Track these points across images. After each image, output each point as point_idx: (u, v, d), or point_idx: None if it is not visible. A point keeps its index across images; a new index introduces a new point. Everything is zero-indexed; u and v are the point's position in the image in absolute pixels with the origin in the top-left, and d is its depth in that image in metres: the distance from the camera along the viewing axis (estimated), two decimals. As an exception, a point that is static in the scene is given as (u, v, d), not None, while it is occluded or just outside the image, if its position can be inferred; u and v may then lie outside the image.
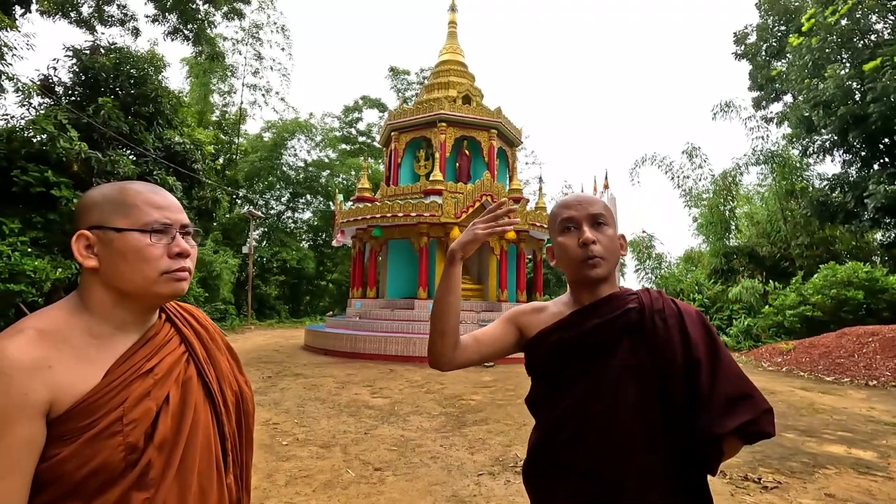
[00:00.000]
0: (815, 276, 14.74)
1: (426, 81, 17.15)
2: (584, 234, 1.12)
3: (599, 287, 1.17)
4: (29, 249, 9.08)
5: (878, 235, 18.98)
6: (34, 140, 10.13)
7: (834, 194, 16.70)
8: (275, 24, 29.81)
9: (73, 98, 12.25)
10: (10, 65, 9.58)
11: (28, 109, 11.53)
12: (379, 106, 32.98)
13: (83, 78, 12.28)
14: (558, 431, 1.13)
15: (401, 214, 12.60)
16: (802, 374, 9.67)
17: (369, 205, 13.72)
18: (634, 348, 1.10)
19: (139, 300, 0.87)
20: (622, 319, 1.12)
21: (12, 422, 0.70)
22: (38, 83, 11.58)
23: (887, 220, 15.14)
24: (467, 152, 14.77)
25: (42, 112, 11.08)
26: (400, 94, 32.81)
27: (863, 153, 15.90)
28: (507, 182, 15.45)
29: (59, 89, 12.21)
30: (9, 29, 9.42)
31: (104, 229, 0.84)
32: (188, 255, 0.89)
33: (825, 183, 18.22)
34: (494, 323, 1.30)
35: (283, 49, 35.69)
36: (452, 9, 16.59)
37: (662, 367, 1.07)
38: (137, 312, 0.88)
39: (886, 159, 15.45)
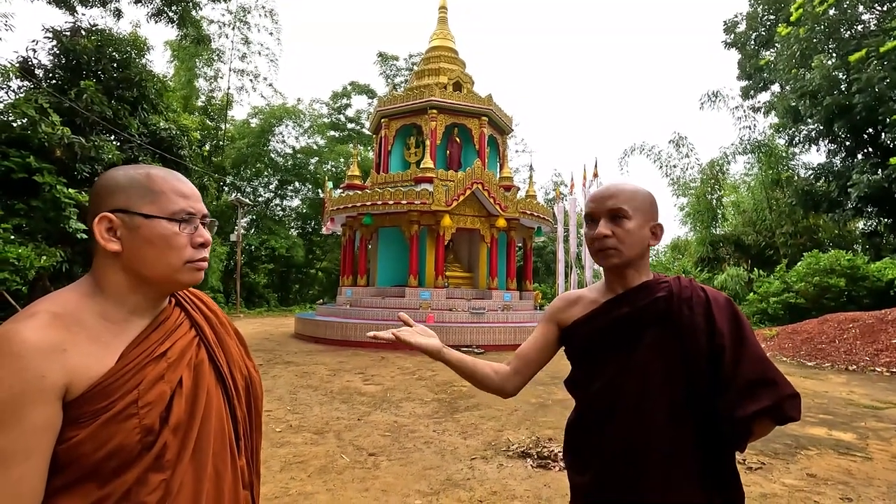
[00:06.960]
0: (799, 263, 15.03)
1: (416, 67, 16.95)
2: (598, 228, 1.19)
3: (627, 275, 1.23)
4: (12, 237, 8.89)
5: (861, 224, 19.37)
6: (14, 125, 9.86)
7: (818, 183, 16.96)
8: (263, 7, 29.16)
9: (54, 81, 11.92)
10: (-12, 46, 9.29)
11: (7, 93, 11.22)
12: (368, 92, 32.53)
13: (64, 60, 11.95)
14: (590, 411, 1.23)
15: (391, 202, 12.54)
16: (785, 359, 9.91)
17: (359, 192, 13.62)
18: (662, 334, 1.16)
19: (158, 286, 0.88)
20: (651, 308, 1.19)
21: (30, 405, 0.70)
22: (17, 65, 11.24)
23: (869, 209, 15.44)
24: (458, 140, 14.69)
25: (22, 95, 10.78)
26: (389, 81, 32.36)
27: (847, 143, 16.15)
28: (498, 170, 15.43)
29: (39, 72, 11.87)
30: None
31: (131, 214, 0.84)
32: (209, 245, 0.91)
33: (810, 172, 18.49)
34: (536, 328, 1.37)
35: (271, 34, 34.67)
36: (443, -6, 16.36)
37: (687, 353, 1.13)
38: (152, 297, 0.89)
39: (870, 149, 15.71)
